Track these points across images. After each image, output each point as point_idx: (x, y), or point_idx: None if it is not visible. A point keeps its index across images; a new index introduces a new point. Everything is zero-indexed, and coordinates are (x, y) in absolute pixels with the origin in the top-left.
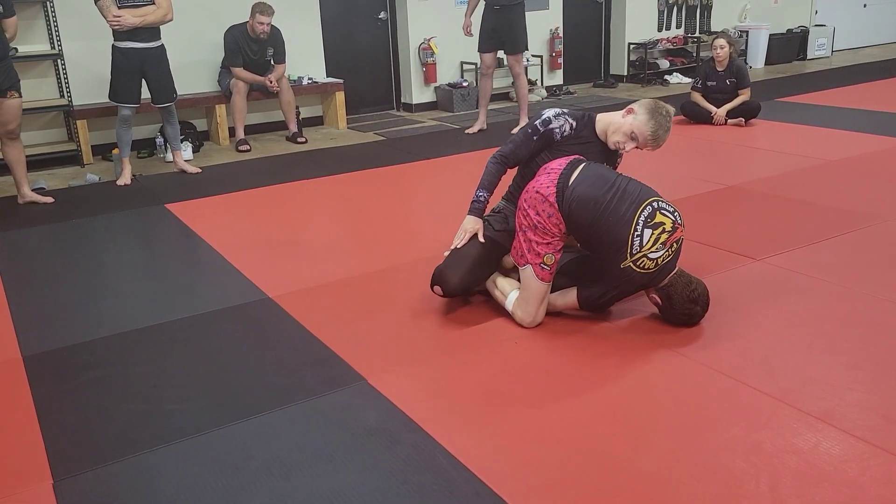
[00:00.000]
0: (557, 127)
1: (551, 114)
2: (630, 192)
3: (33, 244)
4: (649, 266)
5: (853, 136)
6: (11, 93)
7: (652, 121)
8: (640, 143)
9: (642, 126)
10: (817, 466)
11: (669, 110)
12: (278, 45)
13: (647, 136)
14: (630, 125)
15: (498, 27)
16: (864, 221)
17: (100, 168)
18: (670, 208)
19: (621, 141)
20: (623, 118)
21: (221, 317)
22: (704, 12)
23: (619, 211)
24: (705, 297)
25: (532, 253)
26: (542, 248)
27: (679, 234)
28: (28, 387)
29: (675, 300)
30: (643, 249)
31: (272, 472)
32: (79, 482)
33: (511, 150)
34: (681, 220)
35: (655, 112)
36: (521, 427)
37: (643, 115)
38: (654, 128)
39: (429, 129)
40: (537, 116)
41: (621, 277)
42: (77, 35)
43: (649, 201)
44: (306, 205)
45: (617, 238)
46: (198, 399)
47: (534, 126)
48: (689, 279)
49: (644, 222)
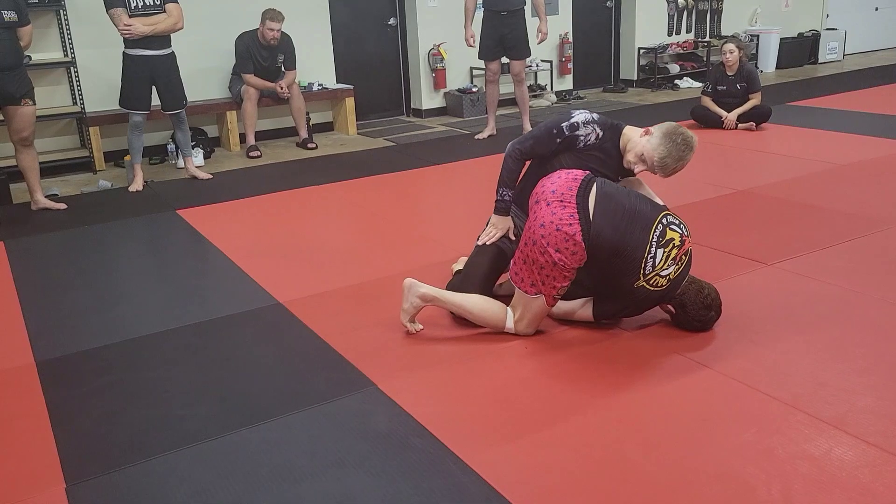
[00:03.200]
0: (583, 135)
1: (580, 119)
2: (640, 212)
3: (46, 250)
4: (662, 283)
5: (865, 140)
6: (26, 100)
7: (662, 147)
8: (648, 167)
9: (652, 150)
10: (829, 472)
11: (688, 138)
12: (289, 51)
13: (654, 161)
14: (642, 147)
15: (503, 34)
16: (875, 226)
17: (112, 174)
18: (677, 221)
19: (632, 161)
20: (640, 138)
21: (232, 322)
22: (714, 16)
23: (634, 234)
24: (718, 301)
25: (547, 286)
26: (559, 281)
27: (687, 245)
28: (41, 392)
29: (689, 307)
30: (656, 269)
31: (282, 478)
32: (91, 487)
33: (530, 147)
34: (687, 232)
35: (669, 137)
36: (530, 432)
37: (657, 138)
38: (664, 154)
39: (438, 134)
40: (565, 116)
41: (635, 295)
42: (90, 43)
43: (659, 219)
44: (316, 210)
45: (632, 262)
46: (208, 404)
47: (559, 127)
48: (701, 285)
49: (657, 242)
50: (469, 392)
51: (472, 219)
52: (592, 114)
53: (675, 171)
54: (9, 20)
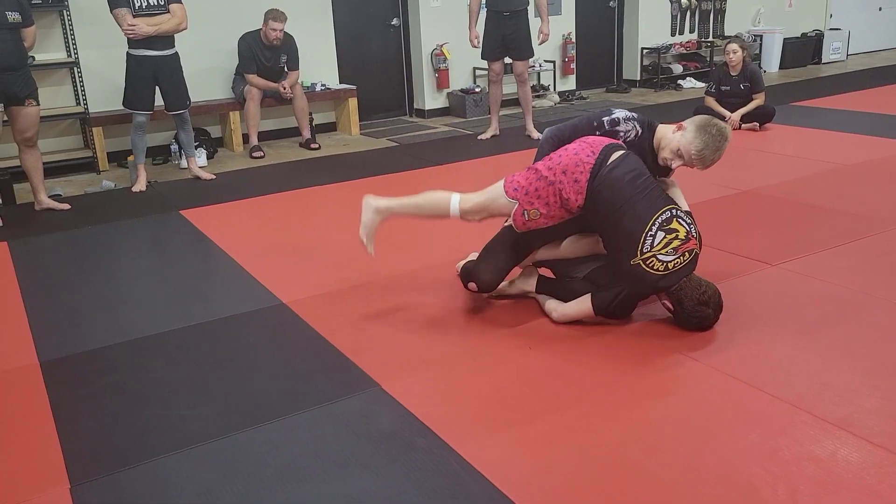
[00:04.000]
0: (623, 131)
1: (621, 115)
2: (654, 194)
3: (50, 250)
4: (659, 267)
5: (869, 140)
6: (29, 101)
7: (698, 139)
8: (686, 161)
9: (688, 144)
10: (835, 474)
11: (722, 129)
12: (292, 51)
13: (692, 154)
14: (678, 142)
15: (506, 34)
16: (880, 226)
17: (115, 175)
18: (688, 220)
19: (668, 158)
20: (672, 134)
21: (236, 323)
22: (718, 16)
23: (639, 207)
24: (717, 298)
25: (530, 198)
26: (542, 206)
27: (692, 244)
28: (45, 392)
29: (686, 303)
30: (653, 250)
31: (286, 478)
32: (95, 487)
33: (569, 136)
34: (696, 234)
35: (704, 130)
36: (534, 433)
37: (691, 132)
38: (700, 146)
39: (441, 134)
40: (605, 112)
41: (631, 275)
42: (93, 43)
43: (669, 207)
44: (320, 211)
45: (631, 232)
46: (212, 405)
47: (600, 120)
48: (700, 282)
49: (660, 224)
50: (473, 392)
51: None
52: (630, 112)
53: (713, 163)
54: (13, 21)
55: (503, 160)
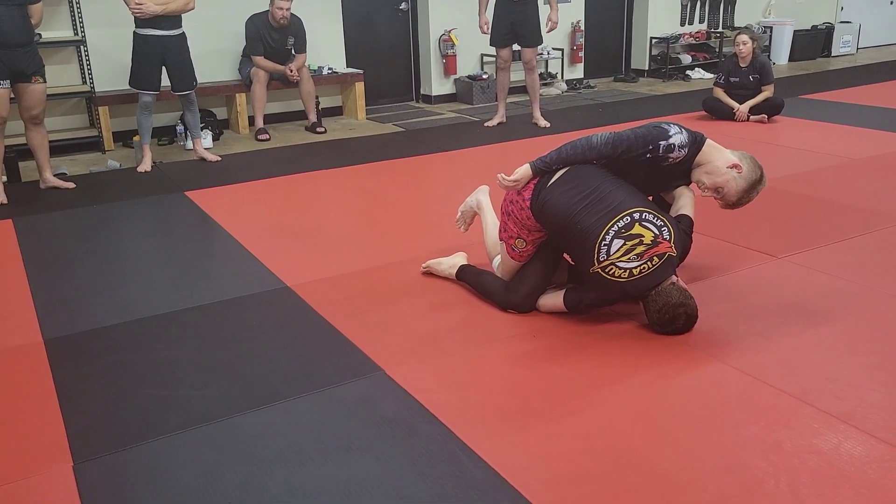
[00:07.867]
0: (672, 157)
1: (677, 142)
2: (610, 200)
3: (55, 229)
4: (621, 275)
5: (878, 134)
6: (36, 77)
7: (746, 193)
8: (719, 197)
9: (736, 190)
10: (838, 467)
11: (764, 184)
12: (299, 34)
13: (731, 199)
14: (725, 181)
15: (515, 21)
16: (887, 221)
17: (121, 154)
18: (657, 222)
19: (707, 186)
20: (725, 167)
21: (239, 305)
22: (728, 7)
23: (587, 220)
24: (683, 310)
25: (507, 234)
26: (513, 236)
27: (663, 248)
28: (49, 370)
29: (652, 316)
30: (611, 258)
31: (288, 461)
32: (98, 465)
33: (620, 154)
34: (668, 237)
35: (753, 187)
36: (537, 420)
37: (745, 182)
38: (742, 198)
39: (448, 121)
40: (663, 134)
41: (594, 282)
42: (100, 22)
43: (629, 212)
44: (325, 195)
45: (583, 245)
46: (215, 386)
47: (657, 145)
48: (670, 292)
49: (616, 232)
50: (477, 379)
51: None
52: (684, 132)
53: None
54: None
55: (509, 147)
